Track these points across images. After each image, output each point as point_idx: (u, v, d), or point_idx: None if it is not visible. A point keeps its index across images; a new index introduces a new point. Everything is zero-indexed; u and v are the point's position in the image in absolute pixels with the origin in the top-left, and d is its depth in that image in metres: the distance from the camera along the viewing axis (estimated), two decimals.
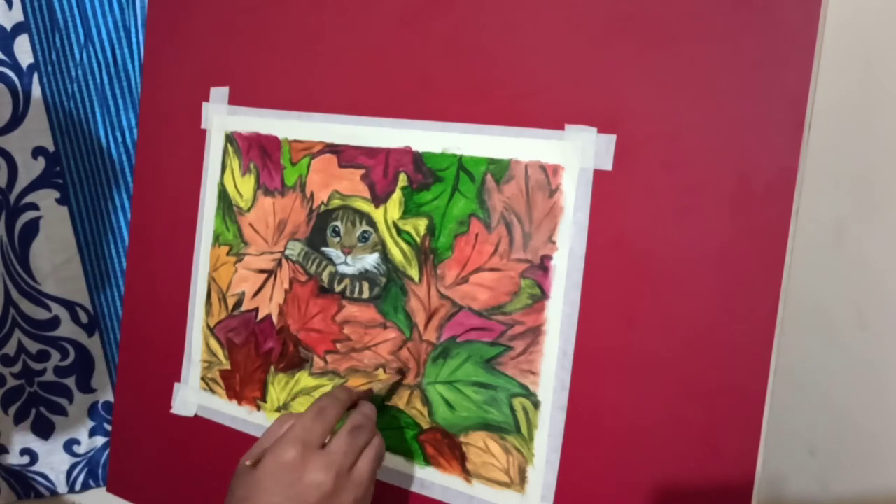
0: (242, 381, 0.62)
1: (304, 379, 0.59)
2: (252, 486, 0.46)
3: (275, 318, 0.60)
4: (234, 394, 0.63)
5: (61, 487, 0.82)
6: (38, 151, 0.73)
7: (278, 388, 0.60)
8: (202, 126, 0.64)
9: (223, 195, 0.63)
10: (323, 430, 0.47)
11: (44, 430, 0.80)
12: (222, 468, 0.63)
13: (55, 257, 0.76)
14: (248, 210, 0.62)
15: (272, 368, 0.60)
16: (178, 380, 0.65)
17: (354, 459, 0.47)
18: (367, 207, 0.56)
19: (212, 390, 0.64)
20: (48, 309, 0.77)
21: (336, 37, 0.57)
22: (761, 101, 0.43)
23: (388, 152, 0.55)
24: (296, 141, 0.59)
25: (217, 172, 0.64)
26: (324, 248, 0.58)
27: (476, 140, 0.51)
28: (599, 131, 0.47)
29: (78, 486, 0.82)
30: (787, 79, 0.42)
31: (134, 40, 0.71)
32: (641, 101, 0.46)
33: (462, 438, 0.52)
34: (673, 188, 0.45)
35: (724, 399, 0.44)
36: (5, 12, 0.69)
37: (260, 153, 0.61)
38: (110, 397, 0.80)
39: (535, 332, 0.49)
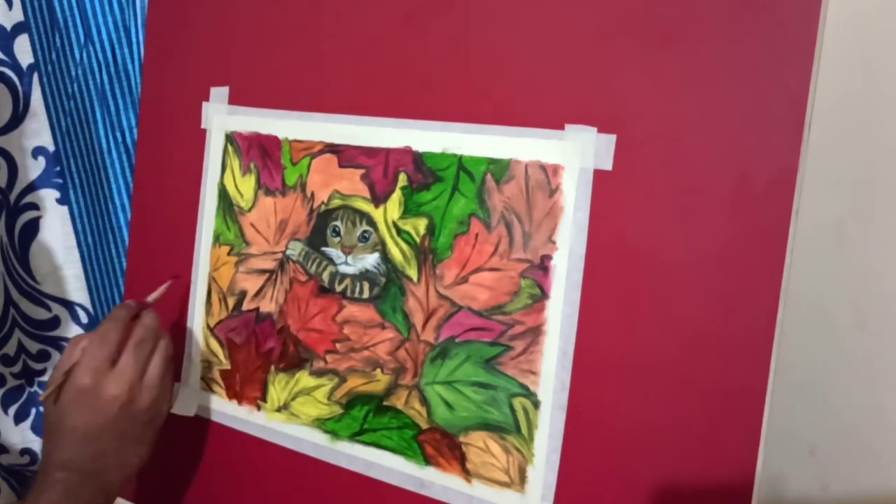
0: (243, 381, 0.62)
1: (304, 378, 0.59)
2: (59, 415, 0.54)
3: (275, 318, 0.60)
4: (235, 394, 0.63)
5: None
6: (38, 151, 0.73)
7: (279, 388, 0.60)
8: (202, 126, 0.64)
9: (223, 195, 0.63)
10: (109, 352, 0.55)
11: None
12: (222, 468, 0.63)
13: (55, 257, 0.76)
14: (249, 210, 0.62)
15: (272, 368, 0.60)
16: (178, 380, 0.65)
17: (144, 368, 0.55)
18: (367, 207, 0.56)
19: (212, 390, 0.64)
20: (48, 309, 0.77)
21: (336, 37, 0.57)
22: (761, 102, 0.43)
23: (388, 152, 0.55)
24: (296, 141, 0.59)
25: (217, 172, 0.64)
26: (324, 248, 0.58)
27: (476, 140, 0.51)
28: (599, 131, 0.47)
29: None
30: (787, 79, 0.42)
31: (134, 40, 0.71)
32: (641, 101, 0.46)
33: (462, 438, 0.52)
34: (673, 188, 0.45)
35: (724, 399, 0.44)
36: (5, 12, 0.69)
37: (260, 153, 0.61)
38: None
39: (535, 332, 0.49)
